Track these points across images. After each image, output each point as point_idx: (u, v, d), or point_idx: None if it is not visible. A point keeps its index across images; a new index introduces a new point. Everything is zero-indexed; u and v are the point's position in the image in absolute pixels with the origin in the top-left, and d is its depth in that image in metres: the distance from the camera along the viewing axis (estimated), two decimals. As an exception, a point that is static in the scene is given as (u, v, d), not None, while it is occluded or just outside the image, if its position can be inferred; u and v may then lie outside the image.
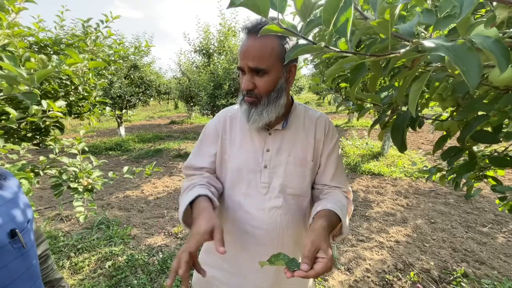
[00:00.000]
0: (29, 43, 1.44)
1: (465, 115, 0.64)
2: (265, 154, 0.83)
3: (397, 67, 0.74)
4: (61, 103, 1.16)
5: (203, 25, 6.94)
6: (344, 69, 0.50)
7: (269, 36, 0.70)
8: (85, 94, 1.60)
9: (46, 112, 1.10)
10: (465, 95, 0.67)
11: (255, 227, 0.83)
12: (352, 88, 0.59)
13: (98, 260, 2.32)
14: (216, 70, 5.73)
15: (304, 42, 0.46)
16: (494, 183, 0.91)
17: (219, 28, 6.62)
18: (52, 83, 1.43)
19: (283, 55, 0.72)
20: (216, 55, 6.84)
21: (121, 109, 7.58)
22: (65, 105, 1.45)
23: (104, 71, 1.91)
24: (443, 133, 0.83)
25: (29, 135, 1.43)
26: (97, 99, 1.69)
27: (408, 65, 0.57)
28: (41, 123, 1.32)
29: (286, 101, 0.81)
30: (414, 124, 0.77)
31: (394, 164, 4.89)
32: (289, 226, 0.84)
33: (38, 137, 1.47)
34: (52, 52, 1.47)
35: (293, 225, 0.85)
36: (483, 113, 0.61)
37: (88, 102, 1.65)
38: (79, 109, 1.67)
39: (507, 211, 0.93)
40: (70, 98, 1.54)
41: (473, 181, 0.99)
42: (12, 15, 1.11)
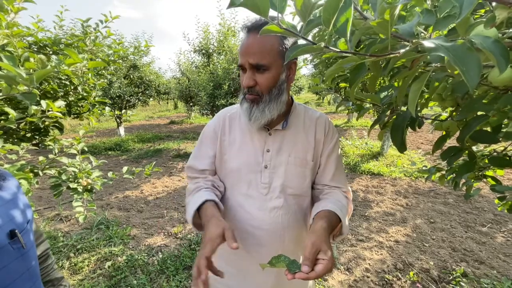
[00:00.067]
0: (28, 43, 1.43)
1: (464, 115, 0.65)
2: (265, 154, 0.83)
3: (396, 67, 0.75)
4: (61, 103, 1.16)
5: (203, 25, 6.94)
6: (343, 69, 0.50)
7: None
8: (84, 94, 1.60)
9: (45, 112, 1.10)
10: (465, 95, 0.67)
11: (255, 227, 0.83)
12: (352, 88, 0.59)
13: (97, 260, 2.32)
14: (216, 70, 5.73)
15: (304, 42, 0.46)
16: (493, 182, 0.91)
17: (219, 28, 6.62)
18: (51, 83, 1.42)
19: (283, 52, 0.72)
20: (215, 55, 6.85)
21: (120, 109, 7.57)
22: (64, 105, 1.45)
23: (104, 71, 1.91)
24: (442, 133, 0.83)
25: (28, 135, 1.43)
26: (96, 99, 1.69)
27: (407, 65, 0.57)
28: (40, 123, 1.32)
29: (287, 99, 0.81)
30: (413, 124, 0.77)
31: (393, 164, 4.90)
32: (289, 226, 0.84)
33: (37, 137, 1.47)
34: (51, 52, 1.47)
35: (293, 225, 0.85)
36: (482, 113, 0.61)
37: (87, 102, 1.65)
38: (78, 109, 1.67)
39: (506, 211, 0.93)
40: (70, 98, 1.54)
41: (472, 181, 1.00)
42: (11, 15, 1.11)
